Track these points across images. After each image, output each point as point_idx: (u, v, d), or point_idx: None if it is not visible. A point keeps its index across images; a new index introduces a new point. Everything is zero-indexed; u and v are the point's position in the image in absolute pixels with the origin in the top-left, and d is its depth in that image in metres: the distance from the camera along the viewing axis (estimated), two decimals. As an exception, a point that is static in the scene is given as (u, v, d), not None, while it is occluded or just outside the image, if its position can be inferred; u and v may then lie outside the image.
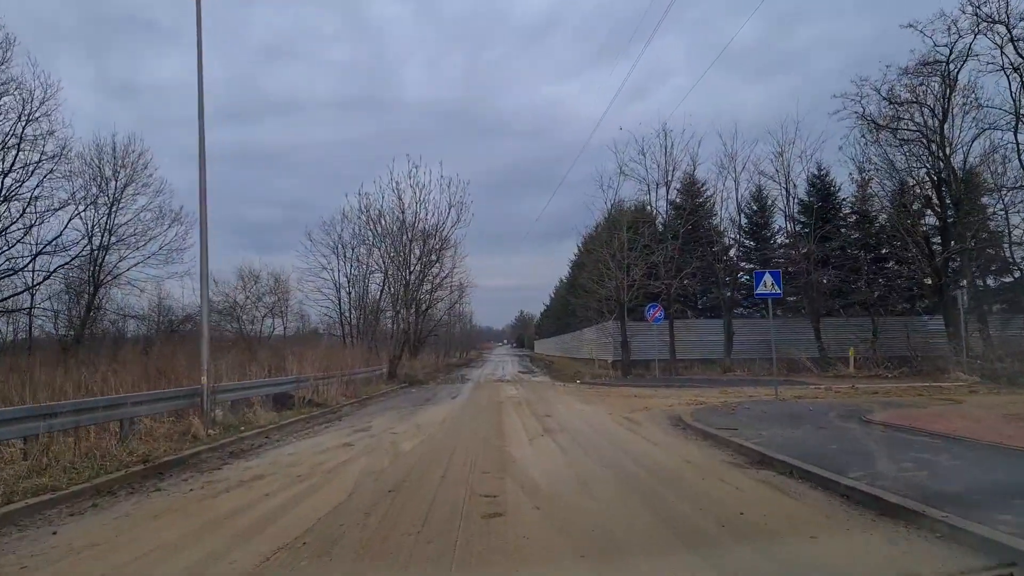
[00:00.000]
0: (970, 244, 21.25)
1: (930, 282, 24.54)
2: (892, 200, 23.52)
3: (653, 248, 25.66)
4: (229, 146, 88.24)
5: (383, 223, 27.31)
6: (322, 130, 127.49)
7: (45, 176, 21.61)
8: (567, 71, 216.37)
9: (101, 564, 4.21)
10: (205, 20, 10.88)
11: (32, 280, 23.03)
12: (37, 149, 21.04)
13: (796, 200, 27.29)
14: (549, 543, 4.44)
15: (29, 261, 22.61)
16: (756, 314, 30.40)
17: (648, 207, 28.32)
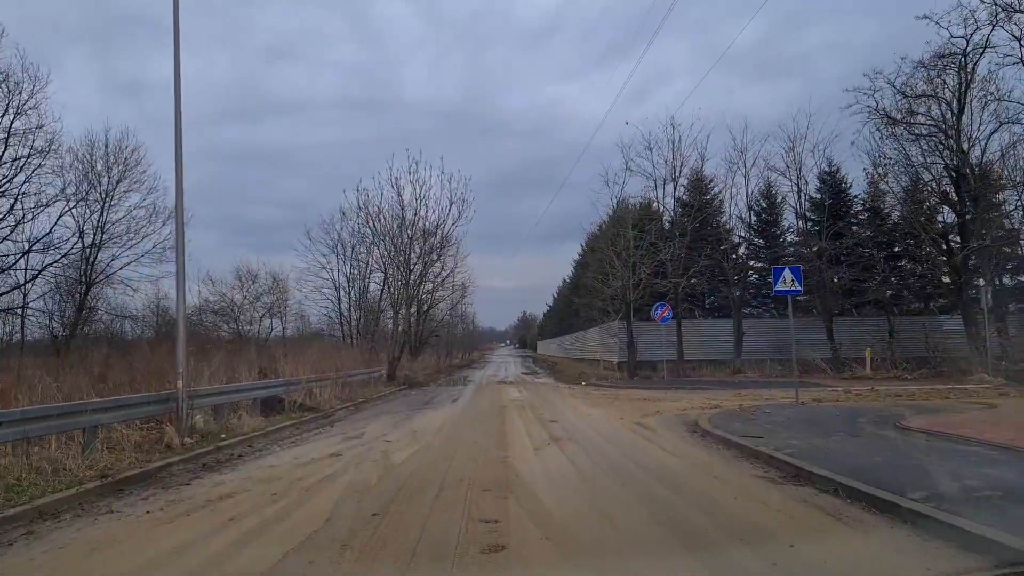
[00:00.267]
0: (988, 242, 20.38)
1: (948, 280, 23.70)
2: (906, 196, 22.68)
3: (660, 246, 24.86)
4: (231, 146, 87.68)
5: (383, 220, 26.33)
6: (323, 130, 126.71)
7: (34, 171, 20.89)
8: (568, 72, 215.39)
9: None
10: (210, 23, 10.10)
11: (24, 278, 22.32)
12: (26, 143, 20.35)
13: (807, 197, 26.49)
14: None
15: (19, 258, 21.92)
16: (765, 314, 29.59)
17: (655, 204, 27.54)
